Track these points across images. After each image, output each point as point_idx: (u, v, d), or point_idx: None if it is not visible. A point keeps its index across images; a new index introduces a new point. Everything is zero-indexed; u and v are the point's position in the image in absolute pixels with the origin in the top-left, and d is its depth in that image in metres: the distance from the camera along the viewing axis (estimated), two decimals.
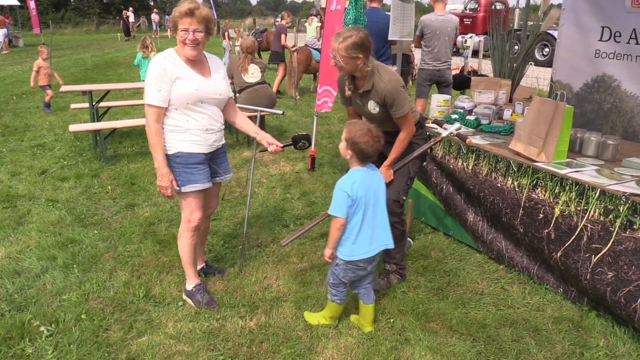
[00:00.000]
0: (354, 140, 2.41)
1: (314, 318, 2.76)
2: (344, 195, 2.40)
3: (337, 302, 2.67)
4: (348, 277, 2.59)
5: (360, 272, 2.58)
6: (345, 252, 2.52)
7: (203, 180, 2.74)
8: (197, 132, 2.68)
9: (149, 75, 2.58)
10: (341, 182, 2.45)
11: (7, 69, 14.09)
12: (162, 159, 2.62)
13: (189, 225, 2.80)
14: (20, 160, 5.63)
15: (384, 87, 2.76)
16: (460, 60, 10.67)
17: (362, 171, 2.47)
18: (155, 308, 2.89)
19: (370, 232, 2.51)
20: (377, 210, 2.54)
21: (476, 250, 3.62)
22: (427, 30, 5.93)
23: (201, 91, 2.65)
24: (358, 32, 2.67)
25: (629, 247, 2.60)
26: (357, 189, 2.41)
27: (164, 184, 2.64)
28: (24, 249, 3.56)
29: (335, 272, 2.61)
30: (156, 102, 2.58)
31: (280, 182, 5.09)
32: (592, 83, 4.13)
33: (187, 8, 2.53)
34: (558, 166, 3.04)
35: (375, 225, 2.54)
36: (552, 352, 2.58)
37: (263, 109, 4.23)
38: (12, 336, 2.61)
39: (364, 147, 2.40)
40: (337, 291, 2.65)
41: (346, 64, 2.71)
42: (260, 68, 6.19)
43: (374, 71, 2.78)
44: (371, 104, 2.87)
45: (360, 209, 2.45)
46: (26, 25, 30.06)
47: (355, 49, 2.65)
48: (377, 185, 2.53)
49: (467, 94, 6.37)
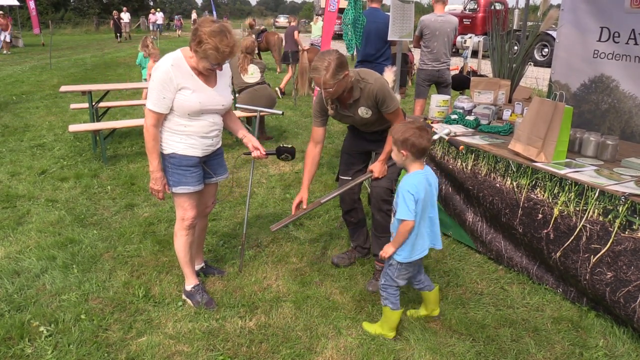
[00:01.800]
0: (402, 138, 2.39)
1: (373, 328, 2.68)
2: (410, 198, 2.37)
3: (390, 307, 2.59)
4: (402, 277, 2.56)
5: (414, 270, 2.59)
6: (404, 255, 2.50)
7: (194, 183, 2.75)
8: (194, 137, 2.69)
9: (154, 79, 2.55)
10: (405, 184, 2.42)
11: (7, 69, 14.09)
12: (157, 163, 2.65)
13: (183, 224, 2.82)
14: (19, 160, 5.63)
15: (372, 87, 2.78)
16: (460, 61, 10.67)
17: (422, 174, 2.45)
18: (155, 308, 2.89)
19: (424, 231, 2.52)
20: (432, 211, 2.53)
21: (475, 250, 3.62)
22: (426, 31, 5.94)
23: (204, 104, 2.64)
24: (330, 55, 2.63)
25: (628, 247, 2.60)
26: (419, 190, 2.39)
27: (156, 187, 2.70)
28: (23, 249, 3.56)
29: (389, 272, 2.57)
30: (158, 109, 2.57)
31: (279, 182, 5.10)
32: (589, 83, 4.14)
33: (229, 51, 2.46)
34: (557, 166, 3.04)
35: (430, 225, 2.54)
36: (551, 352, 2.58)
37: (263, 109, 4.23)
38: (12, 336, 2.61)
39: (414, 141, 2.37)
40: (388, 294, 2.59)
41: (338, 88, 2.69)
42: (259, 68, 6.19)
43: (357, 79, 2.79)
44: (362, 110, 2.89)
45: (419, 210, 2.43)
46: (26, 25, 30.05)
47: (339, 71, 2.62)
48: (434, 185, 2.52)
49: (467, 94, 6.38)
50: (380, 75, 2.86)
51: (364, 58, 5.65)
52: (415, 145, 2.38)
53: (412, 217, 2.38)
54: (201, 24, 2.46)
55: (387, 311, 2.60)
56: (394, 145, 2.47)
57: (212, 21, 2.47)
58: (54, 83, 11.44)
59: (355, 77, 2.79)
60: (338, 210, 4.24)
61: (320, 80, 2.62)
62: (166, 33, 29.57)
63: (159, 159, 2.66)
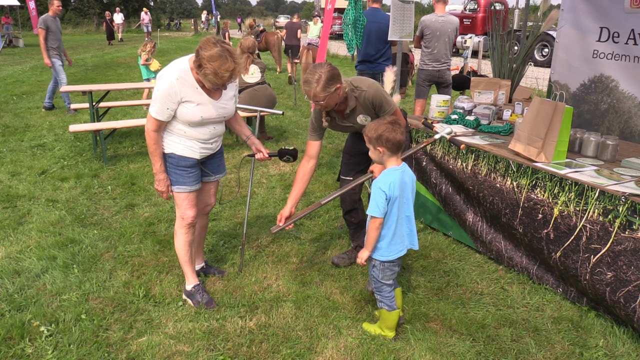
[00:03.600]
0: (376, 135, 2.40)
1: (373, 329, 2.69)
2: (382, 195, 2.39)
3: (386, 309, 2.60)
4: (387, 277, 2.56)
5: (396, 268, 2.59)
6: (382, 253, 2.51)
7: (191, 183, 2.78)
8: (193, 141, 2.72)
9: (159, 89, 2.55)
10: (379, 181, 2.44)
11: (8, 69, 14.10)
12: (159, 165, 2.68)
13: (183, 222, 2.84)
14: (20, 160, 5.63)
15: (367, 94, 2.79)
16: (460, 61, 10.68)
17: (399, 170, 2.46)
18: (155, 308, 2.89)
19: (402, 230, 2.52)
20: (409, 209, 2.54)
21: (475, 250, 3.62)
22: (427, 31, 5.93)
23: (205, 117, 2.65)
24: (323, 68, 2.62)
25: (628, 247, 2.60)
26: (394, 188, 2.41)
27: (160, 188, 2.74)
28: (24, 249, 3.56)
29: (374, 274, 2.59)
30: (160, 117, 2.59)
31: (280, 182, 5.10)
32: (589, 83, 4.14)
33: (229, 75, 2.45)
34: (557, 166, 3.04)
35: (407, 223, 2.55)
36: (551, 352, 2.59)
37: (263, 109, 4.24)
38: (12, 336, 2.62)
39: (388, 136, 2.37)
40: (382, 296, 2.60)
41: (330, 100, 2.68)
42: (260, 68, 6.19)
43: (351, 88, 2.79)
44: (360, 117, 2.89)
45: (395, 208, 2.45)
46: (26, 25, 30.05)
47: (330, 84, 2.61)
48: (411, 184, 2.53)
49: (467, 94, 6.38)
50: (373, 81, 2.86)
51: (364, 58, 5.66)
52: (390, 140, 2.39)
53: (381, 215, 2.41)
54: (202, 46, 2.44)
55: (384, 313, 2.62)
56: (369, 144, 2.47)
57: (213, 43, 2.42)
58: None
59: (349, 87, 2.78)
60: (338, 210, 4.24)
61: (310, 93, 2.62)
62: (166, 33, 29.49)
63: (161, 161, 2.69)
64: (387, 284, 2.58)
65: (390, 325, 2.63)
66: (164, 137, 2.70)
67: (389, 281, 2.58)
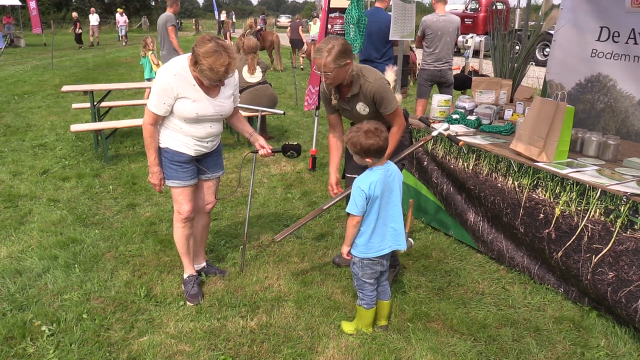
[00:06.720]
0: (358, 149, 2.42)
1: (350, 327, 2.71)
2: (361, 194, 2.42)
3: (364, 307, 2.62)
4: (368, 275, 2.57)
5: (377, 267, 2.58)
6: (360, 250, 2.53)
7: (186, 179, 2.81)
8: (188, 137, 2.74)
9: (157, 84, 2.60)
10: (359, 180, 2.46)
11: (9, 69, 14.11)
12: (154, 157, 2.74)
13: (179, 217, 2.89)
14: (21, 160, 5.64)
15: (370, 87, 2.78)
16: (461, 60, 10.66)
17: (381, 170, 2.47)
18: (157, 308, 2.89)
19: (384, 229, 2.53)
20: (393, 208, 2.54)
21: (477, 250, 3.62)
22: (428, 31, 5.92)
23: (201, 114, 2.68)
24: (337, 41, 2.65)
25: (629, 247, 2.60)
26: (375, 188, 2.42)
27: (153, 181, 2.80)
28: (25, 248, 3.57)
29: (354, 271, 2.61)
30: (157, 111, 2.64)
31: (281, 182, 5.10)
32: (585, 83, 4.13)
33: (225, 70, 2.47)
34: (559, 166, 3.04)
35: (390, 223, 2.54)
36: (552, 352, 2.58)
37: (264, 109, 4.24)
38: (14, 336, 2.62)
39: (366, 145, 2.38)
40: (364, 294, 2.61)
41: (338, 74, 2.69)
42: (261, 68, 6.19)
43: (358, 74, 2.79)
44: (360, 105, 2.89)
45: (375, 207, 2.46)
46: (27, 25, 30.08)
47: (342, 57, 2.63)
48: (394, 183, 2.53)
49: (468, 94, 6.38)
50: (382, 75, 2.86)
51: (365, 58, 5.65)
52: (371, 147, 2.40)
53: (358, 213, 2.44)
54: (197, 43, 2.49)
55: (361, 310, 2.64)
56: (356, 156, 2.49)
57: (208, 40, 2.47)
58: (56, 83, 11.46)
59: (356, 72, 2.79)
60: (340, 210, 4.24)
61: (321, 62, 2.64)
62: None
63: (156, 154, 2.74)
64: (368, 282, 2.59)
65: (367, 322, 2.67)
66: (160, 132, 2.74)
67: (370, 279, 2.59)
